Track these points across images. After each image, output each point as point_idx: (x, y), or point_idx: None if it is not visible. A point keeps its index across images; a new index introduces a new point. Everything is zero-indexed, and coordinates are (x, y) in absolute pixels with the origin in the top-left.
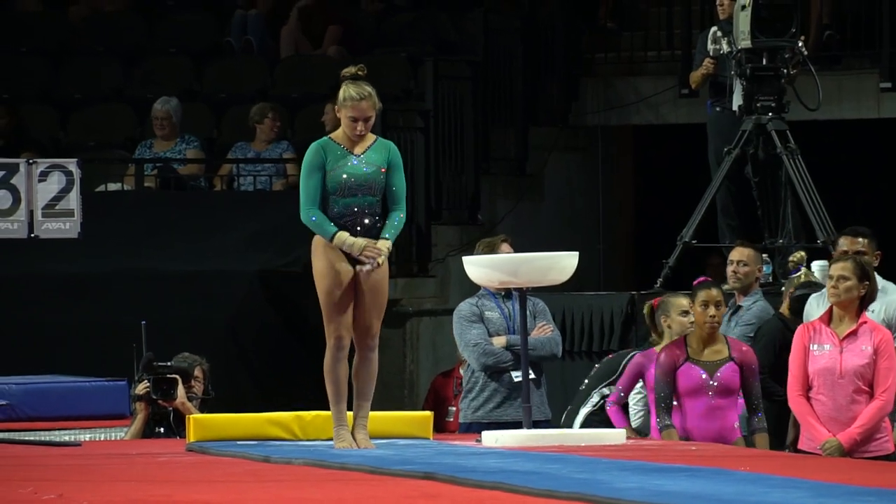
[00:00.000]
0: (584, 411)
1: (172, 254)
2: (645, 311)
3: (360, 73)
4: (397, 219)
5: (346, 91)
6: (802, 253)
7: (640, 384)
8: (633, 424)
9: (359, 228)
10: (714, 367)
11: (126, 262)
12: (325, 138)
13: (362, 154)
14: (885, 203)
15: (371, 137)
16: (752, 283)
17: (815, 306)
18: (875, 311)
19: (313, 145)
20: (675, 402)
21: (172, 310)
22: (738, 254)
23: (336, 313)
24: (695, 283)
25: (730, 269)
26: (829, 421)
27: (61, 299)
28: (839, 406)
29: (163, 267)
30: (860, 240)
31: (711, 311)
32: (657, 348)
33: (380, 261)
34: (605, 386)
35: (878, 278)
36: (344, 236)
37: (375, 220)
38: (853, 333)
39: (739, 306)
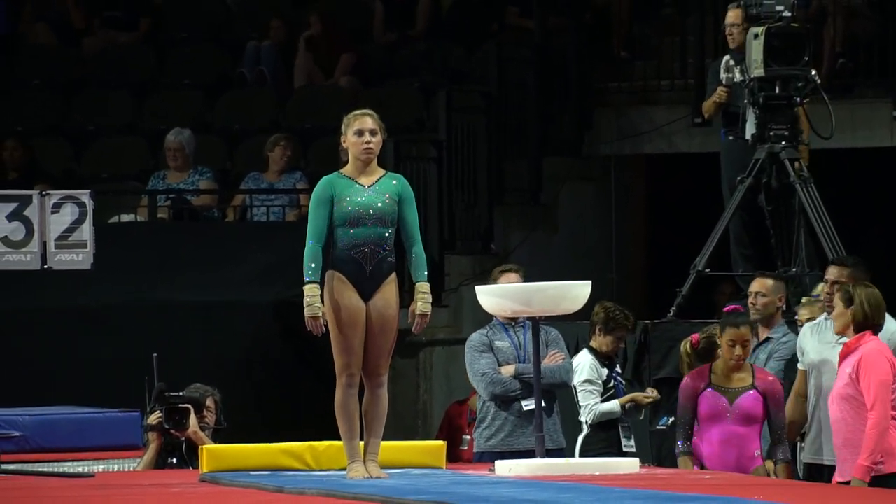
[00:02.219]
0: (579, 438)
1: (185, 285)
2: (684, 348)
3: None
4: (421, 255)
5: (349, 114)
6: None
7: (588, 374)
8: (587, 419)
9: (367, 261)
10: (735, 395)
11: (139, 293)
12: (334, 173)
13: (371, 185)
14: None
15: (380, 171)
16: (775, 314)
17: (809, 335)
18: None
19: (322, 179)
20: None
21: (185, 341)
22: (758, 285)
23: (347, 350)
24: (725, 309)
25: (749, 300)
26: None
27: (74, 330)
28: None
29: (175, 298)
30: (844, 271)
31: (738, 350)
32: None
33: (426, 312)
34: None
35: None
36: (311, 291)
37: (386, 253)
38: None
39: (768, 338)
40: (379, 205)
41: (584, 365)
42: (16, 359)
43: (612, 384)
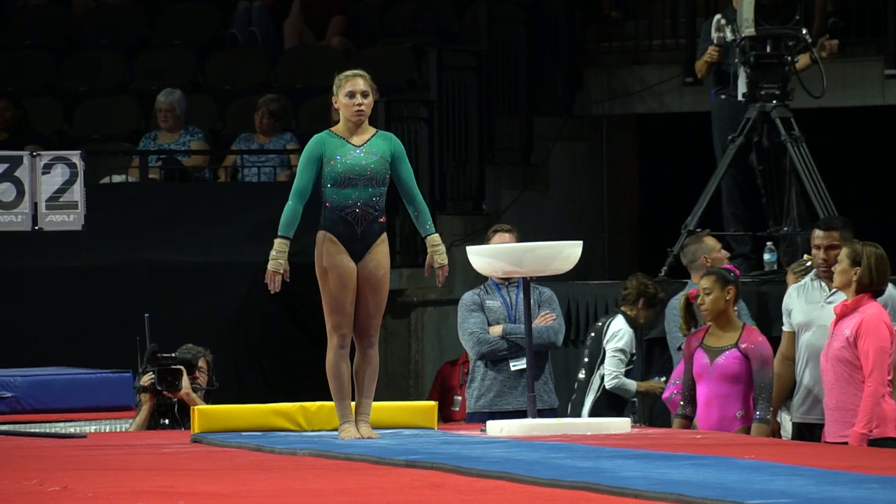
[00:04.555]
0: (589, 399)
1: (177, 245)
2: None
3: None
4: (424, 209)
5: (340, 74)
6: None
7: (625, 344)
8: (608, 384)
9: (358, 222)
10: (717, 354)
11: (130, 254)
12: (325, 132)
13: (362, 145)
14: (889, 190)
15: (371, 130)
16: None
17: (796, 296)
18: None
19: (313, 137)
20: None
21: (177, 302)
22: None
23: (338, 311)
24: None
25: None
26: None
27: (65, 291)
28: None
29: (167, 259)
30: (834, 233)
31: (701, 297)
32: None
33: (444, 264)
34: (599, 366)
35: None
36: (280, 246)
37: (377, 214)
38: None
39: None
40: (370, 165)
41: (624, 334)
42: (7, 320)
43: (634, 358)
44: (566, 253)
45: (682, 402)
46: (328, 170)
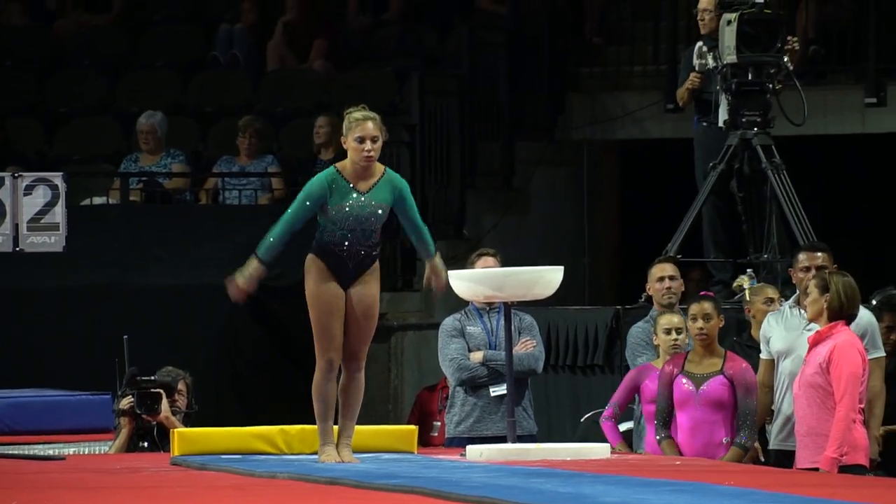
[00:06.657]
0: (628, 424)
1: (158, 268)
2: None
3: (363, 108)
4: (427, 232)
5: (350, 115)
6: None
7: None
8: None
9: (351, 257)
10: (702, 380)
11: (111, 275)
12: (333, 170)
13: (367, 192)
14: (869, 217)
15: (379, 171)
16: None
17: (775, 323)
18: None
19: (322, 177)
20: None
21: (158, 324)
22: (661, 270)
23: (327, 336)
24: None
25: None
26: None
27: (46, 313)
28: None
29: (148, 281)
30: (819, 255)
31: (699, 323)
32: (654, 363)
33: (443, 277)
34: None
35: None
36: (254, 268)
37: (370, 250)
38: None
39: None
40: (373, 214)
41: None
42: None
43: None
44: (547, 278)
45: (659, 427)
46: (332, 211)
